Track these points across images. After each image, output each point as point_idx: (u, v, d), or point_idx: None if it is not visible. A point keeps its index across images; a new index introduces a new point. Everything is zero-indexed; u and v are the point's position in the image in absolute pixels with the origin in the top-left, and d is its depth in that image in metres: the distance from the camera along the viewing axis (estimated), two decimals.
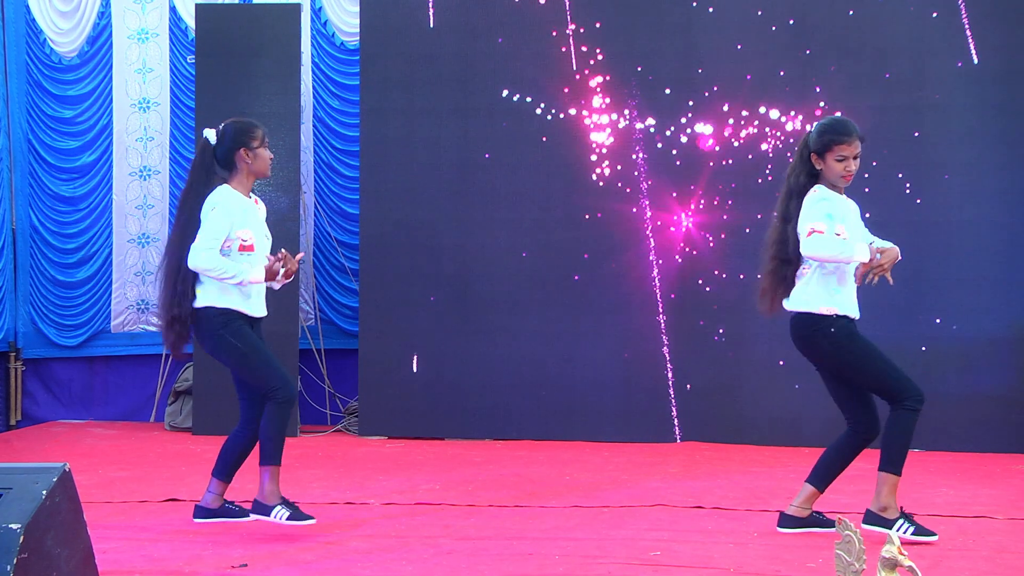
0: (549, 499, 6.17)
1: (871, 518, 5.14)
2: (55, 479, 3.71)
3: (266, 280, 5.45)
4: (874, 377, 5.17)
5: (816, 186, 5.22)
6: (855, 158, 5.18)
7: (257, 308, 5.52)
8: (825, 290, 5.18)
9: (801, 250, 5.13)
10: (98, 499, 6.06)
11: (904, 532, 5.03)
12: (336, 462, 7.46)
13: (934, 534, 5.09)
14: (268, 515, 5.35)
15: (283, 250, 5.56)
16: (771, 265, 5.33)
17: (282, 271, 5.48)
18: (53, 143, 9.50)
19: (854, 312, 5.24)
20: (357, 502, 6.11)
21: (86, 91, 9.52)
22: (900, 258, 5.18)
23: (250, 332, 5.46)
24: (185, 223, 5.47)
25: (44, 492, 3.64)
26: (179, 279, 5.46)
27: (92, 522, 4.05)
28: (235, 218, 5.39)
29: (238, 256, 5.40)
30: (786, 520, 5.34)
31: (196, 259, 5.33)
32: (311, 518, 5.37)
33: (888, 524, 5.05)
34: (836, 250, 5.06)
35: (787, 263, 5.26)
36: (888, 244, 5.24)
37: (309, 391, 9.12)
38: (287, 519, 5.32)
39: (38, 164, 9.49)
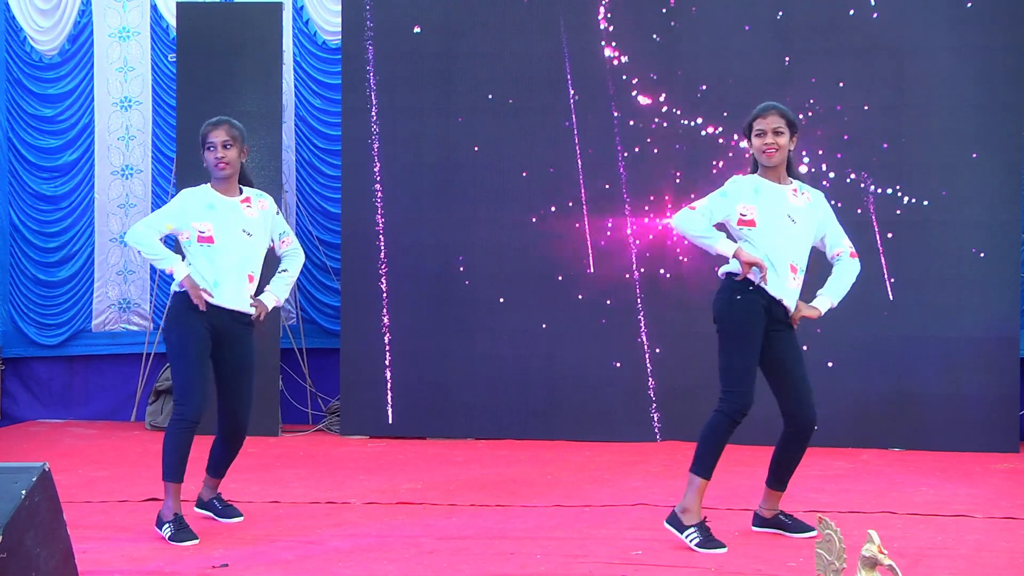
0: (531, 498, 6.17)
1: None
2: (34, 479, 3.69)
3: (190, 292, 5.24)
4: (725, 365, 5.10)
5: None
6: (775, 132, 5.11)
7: (226, 298, 5.33)
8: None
9: (671, 220, 5.40)
10: (78, 499, 6.05)
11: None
12: (317, 461, 7.44)
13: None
14: (160, 528, 5.25)
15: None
16: None
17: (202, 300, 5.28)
18: (34, 141, 9.47)
19: (777, 292, 5.06)
20: (338, 501, 6.10)
21: (67, 89, 9.49)
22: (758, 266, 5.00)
23: (194, 334, 5.27)
24: None
25: (23, 492, 3.62)
26: None
27: (72, 522, 4.03)
28: (191, 209, 5.34)
29: (197, 247, 5.32)
30: (758, 519, 5.38)
31: (132, 230, 5.33)
32: (194, 539, 5.12)
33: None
34: (698, 231, 5.07)
35: None
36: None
37: (291, 390, 9.10)
38: (169, 538, 5.14)
39: (19, 162, 9.46)
